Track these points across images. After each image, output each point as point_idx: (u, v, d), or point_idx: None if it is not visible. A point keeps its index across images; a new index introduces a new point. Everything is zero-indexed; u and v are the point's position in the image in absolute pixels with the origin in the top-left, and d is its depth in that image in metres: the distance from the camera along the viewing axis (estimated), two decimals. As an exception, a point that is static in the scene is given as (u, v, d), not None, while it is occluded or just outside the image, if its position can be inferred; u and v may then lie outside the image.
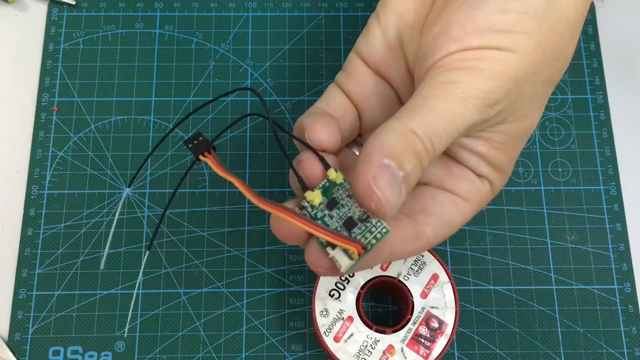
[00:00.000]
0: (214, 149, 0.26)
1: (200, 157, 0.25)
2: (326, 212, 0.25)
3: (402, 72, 0.29)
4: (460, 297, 0.37)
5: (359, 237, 0.24)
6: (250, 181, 0.39)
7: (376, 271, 0.33)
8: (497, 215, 0.39)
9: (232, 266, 0.37)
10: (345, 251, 0.24)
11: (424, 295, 0.33)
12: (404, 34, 0.29)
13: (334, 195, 0.25)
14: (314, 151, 0.26)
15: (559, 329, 0.37)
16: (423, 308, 0.33)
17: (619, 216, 0.39)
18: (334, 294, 0.33)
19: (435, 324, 0.33)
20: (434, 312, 0.33)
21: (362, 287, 0.33)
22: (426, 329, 0.32)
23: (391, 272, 0.33)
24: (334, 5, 0.43)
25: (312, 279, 0.37)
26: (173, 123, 0.40)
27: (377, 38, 0.30)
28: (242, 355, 0.36)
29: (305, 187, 0.25)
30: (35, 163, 0.39)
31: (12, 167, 0.39)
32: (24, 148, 0.40)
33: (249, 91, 0.41)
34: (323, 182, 0.25)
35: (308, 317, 0.37)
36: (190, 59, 0.42)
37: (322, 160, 0.26)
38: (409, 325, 0.33)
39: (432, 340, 0.32)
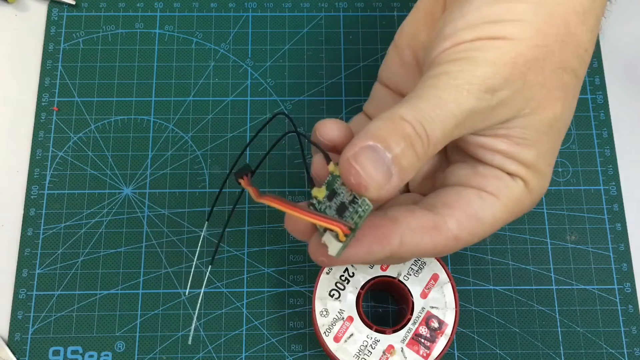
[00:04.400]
0: (252, 174, 0.27)
1: (240, 180, 0.26)
2: (327, 203, 0.25)
3: None
4: (460, 297, 0.37)
5: (347, 219, 0.24)
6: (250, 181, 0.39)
7: (376, 271, 0.33)
8: (497, 215, 0.39)
9: (232, 266, 0.37)
10: (336, 236, 0.24)
11: (424, 295, 0.33)
12: (418, 52, 0.30)
13: (334, 187, 0.25)
14: (322, 150, 0.26)
15: (559, 329, 0.37)
16: (423, 308, 0.33)
17: (619, 216, 0.39)
18: (334, 294, 0.33)
19: (435, 324, 0.33)
20: (434, 312, 0.33)
21: (362, 287, 0.33)
22: (426, 329, 0.32)
23: (391, 272, 0.33)
24: (334, 5, 0.43)
25: (312, 279, 0.37)
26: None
27: (394, 61, 0.31)
28: (242, 355, 0.36)
29: (314, 186, 0.26)
30: (35, 163, 0.39)
31: (12, 167, 0.39)
32: (24, 148, 0.40)
33: (249, 91, 0.41)
34: (328, 178, 0.26)
35: (308, 317, 0.37)
36: (190, 59, 0.42)
37: (327, 157, 0.26)
38: (409, 325, 0.33)
39: (432, 340, 0.32)
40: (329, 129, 0.27)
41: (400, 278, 0.33)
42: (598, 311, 0.37)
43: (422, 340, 0.32)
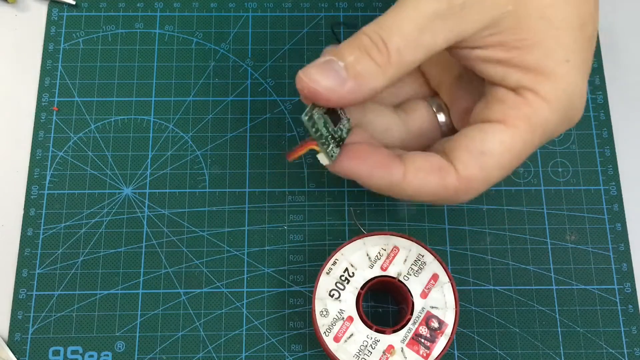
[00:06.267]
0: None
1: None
2: (332, 132, 0.29)
3: None
4: (460, 297, 0.37)
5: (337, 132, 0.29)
6: (250, 181, 0.39)
7: (376, 271, 0.33)
8: (497, 215, 0.39)
9: (232, 266, 0.37)
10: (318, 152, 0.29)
11: (424, 295, 0.33)
12: None
13: (322, 119, 0.29)
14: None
15: (559, 329, 0.37)
16: (423, 308, 0.33)
17: (619, 216, 0.39)
18: (333, 294, 0.33)
19: (435, 324, 0.33)
20: (434, 312, 0.33)
21: (362, 287, 0.33)
22: (426, 329, 0.32)
23: (391, 272, 0.33)
24: (334, 5, 0.43)
25: (312, 279, 0.37)
26: (170, 121, 0.40)
27: None
28: (242, 355, 0.36)
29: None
30: (35, 163, 0.39)
31: (12, 167, 0.39)
32: (24, 148, 0.40)
33: (249, 91, 0.41)
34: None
35: (308, 317, 0.37)
36: (190, 59, 0.42)
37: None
38: (409, 325, 0.33)
39: (432, 340, 0.32)
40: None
41: (400, 278, 0.33)
42: (598, 311, 0.37)
43: (422, 340, 0.32)
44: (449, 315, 0.33)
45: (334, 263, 0.33)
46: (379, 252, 0.34)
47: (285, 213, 0.38)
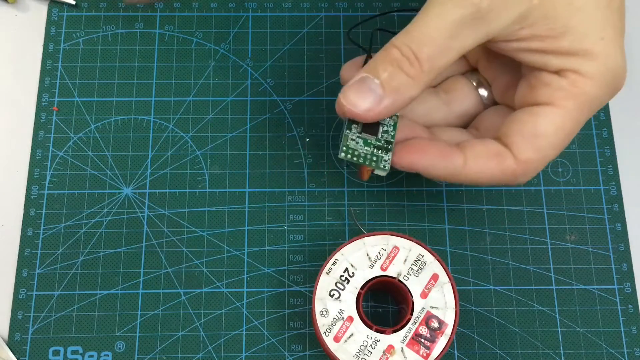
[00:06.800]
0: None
1: None
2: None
3: None
4: (460, 297, 0.37)
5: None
6: (250, 181, 0.39)
7: (376, 271, 0.33)
8: (497, 215, 0.39)
9: (232, 266, 0.37)
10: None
11: (424, 295, 0.33)
12: None
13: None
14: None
15: (559, 329, 0.37)
16: (423, 308, 0.33)
17: (619, 216, 0.39)
18: (333, 294, 0.33)
19: (435, 324, 0.33)
20: (434, 312, 0.33)
21: (362, 287, 0.33)
22: (426, 329, 0.32)
23: (391, 272, 0.33)
24: (334, 5, 0.43)
25: (312, 279, 0.37)
26: (172, 122, 0.40)
27: None
28: (242, 355, 0.36)
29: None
30: (35, 163, 0.39)
31: (12, 167, 0.39)
32: (24, 148, 0.40)
33: (249, 91, 0.41)
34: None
35: (308, 317, 0.37)
36: (190, 59, 0.42)
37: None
38: (409, 325, 0.33)
39: (432, 340, 0.32)
40: (344, 73, 0.32)
41: (400, 278, 0.33)
42: (598, 311, 0.37)
43: (422, 340, 0.32)
44: (449, 315, 0.33)
45: (334, 263, 0.33)
46: (379, 252, 0.34)
47: (285, 213, 0.38)
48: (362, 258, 0.34)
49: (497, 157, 0.29)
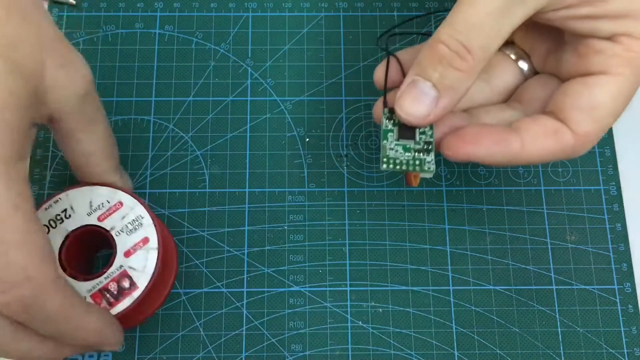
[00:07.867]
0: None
1: None
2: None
3: None
4: (460, 297, 0.37)
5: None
6: (250, 181, 0.39)
7: (92, 220, 0.33)
8: (497, 215, 0.39)
9: (232, 266, 0.37)
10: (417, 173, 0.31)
11: (128, 254, 0.32)
12: None
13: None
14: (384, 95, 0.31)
15: (559, 329, 0.37)
16: (121, 266, 0.32)
17: (619, 216, 0.39)
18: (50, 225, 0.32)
19: (126, 284, 0.32)
20: (131, 272, 0.32)
21: (73, 232, 0.33)
22: (116, 286, 0.32)
23: (106, 224, 0.33)
24: (334, 5, 0.43)
25: (312, 279, 0.37)
26: (172, 121, 0.40)
27: None
28: (242, 355, 0.36)
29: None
30: (35, 163, 0.39)
31: (12, 167, 0.39)
32: (24, 148, 0.40)
33: (249, 91, 0.41)
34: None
35: (308, 317, 0.37)
36: (190, 59, 0.42)
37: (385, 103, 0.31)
38: (102, 278, 0.32)
39: (117, 298, 0.32)
40: (377, 76, 0.32)
41: (113, 232, 0.33)
42: (598, 311, 0.37)
43: (107, 295, 0.32)
44: (142, 279, 0.32)
45: (57, 201, 0.33)
46: (102, 203, 0.33)
47: (285, 213, 0.38)
48: (84, 204, 0.33)
49: (555, 135, 0.28)
